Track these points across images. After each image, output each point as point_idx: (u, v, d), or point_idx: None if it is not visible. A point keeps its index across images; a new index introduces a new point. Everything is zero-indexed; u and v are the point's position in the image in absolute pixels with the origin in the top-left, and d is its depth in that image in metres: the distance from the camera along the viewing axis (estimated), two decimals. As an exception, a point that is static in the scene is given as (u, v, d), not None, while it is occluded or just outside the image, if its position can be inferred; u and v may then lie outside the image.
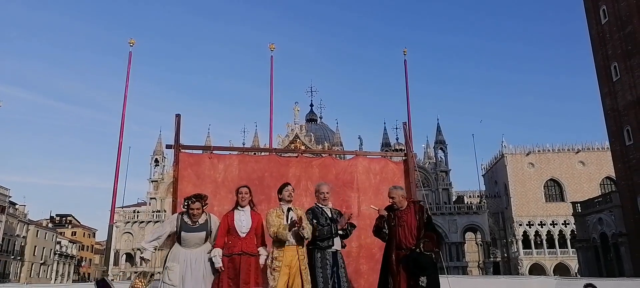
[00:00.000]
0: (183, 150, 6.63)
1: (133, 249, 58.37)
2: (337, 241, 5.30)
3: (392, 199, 5.37)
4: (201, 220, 5.06)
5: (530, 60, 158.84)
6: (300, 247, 5.11)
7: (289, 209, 5.25)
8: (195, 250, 4.97)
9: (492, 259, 62.54)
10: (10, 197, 54.86)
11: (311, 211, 5.42)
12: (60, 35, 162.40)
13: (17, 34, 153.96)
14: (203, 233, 5.01)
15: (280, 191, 5.34)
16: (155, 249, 5.22)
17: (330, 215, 5.36)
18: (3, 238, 53.22)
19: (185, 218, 5.05)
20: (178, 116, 6.69)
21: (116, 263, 57.85)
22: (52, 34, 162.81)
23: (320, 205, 5.44)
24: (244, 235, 5.01)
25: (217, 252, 4.87)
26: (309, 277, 5.05)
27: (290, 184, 5.44)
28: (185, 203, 5.10)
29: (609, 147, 39.22)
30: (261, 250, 5.11)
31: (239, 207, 5.19)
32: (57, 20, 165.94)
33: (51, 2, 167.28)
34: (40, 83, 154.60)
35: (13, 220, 57.71)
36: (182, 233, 4.99)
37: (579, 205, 43.99)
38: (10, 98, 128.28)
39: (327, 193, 5.46)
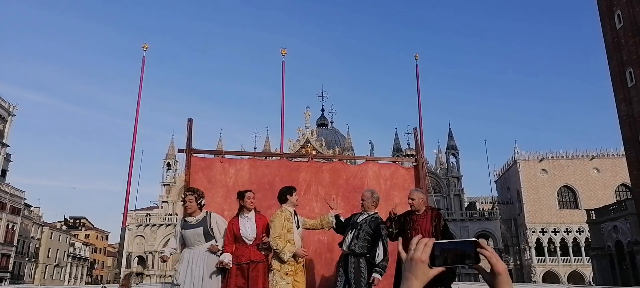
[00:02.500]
0: (195, 155, 6.69)
1: (145, 252, 58.80)
2: (345, 244, 5.27)
3: (411, 201, 5.28)
4: (199, 217, 5.05)
5: (544, 64, 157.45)
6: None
7: (294, 213, 5.27)
8: (196, 249, 4.97)
9: (504, 266, 61.70)
10: (25, 199, 55.60)
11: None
12: (75, 39, 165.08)
13: (33, 37, 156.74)
14: (200, 229, 4.98)
15: (291, 194, 5.26)
16: (174, 250, 5.28)
17: (355, 219, 5.34)
18: (18, 240, 53.90)
19: (186, 218, 5.09)
20: (190, 121, 6.77)
21: (128, 265, 58.26)
22: (68, 37, 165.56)
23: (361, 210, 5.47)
24: (250, 242, 4.96)
25: (227, 257, 4.82)
26: (304, 279, 5.13)
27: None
28: (182, 199, 5.14)
29: (624, 153, 38.61)
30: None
31: (243, 214, 5.10)
32: (72, 24, 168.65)
33: (67, 6, 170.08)
34: (55, 86, 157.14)
35: (28, 222, 58.48)
36: (183, 231, 5.03)
37: (593, 212, 43.30)
38: (26, 102, 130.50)
39: (361, 200, 5.44)
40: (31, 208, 60.61)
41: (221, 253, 4.91)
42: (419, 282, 1.11)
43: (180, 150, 6.91)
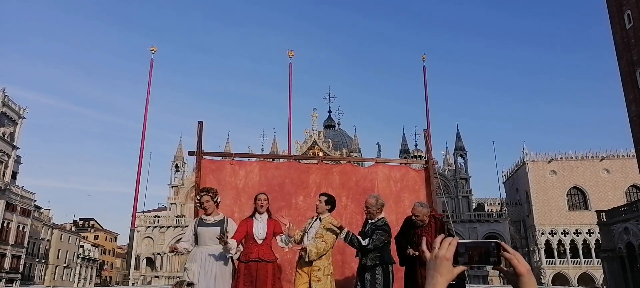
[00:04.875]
0: (205, 157, 6.71)
1: (153, 253, 59.04)
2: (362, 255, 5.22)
3: (416, 217, 5.30)
4: (217, 218, 5.16)
5: (552, 65, 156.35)
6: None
7: (313, 218, 5.32)
8: (211, 248, 5.01)
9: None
10: (35, 201, 56.05)
11: None
12: (84, 41, 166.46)
13: (43, 40, 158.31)
14: (218, 229, 5.04)
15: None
16: (186, 251, 5.25)
17: (364, 229, 5.30)
18: (28, 242, 54.33)
19: (202, 217, 5.19)
20: (200, 123, 6.78)
21: (137, 267, 58.55)
22: (77, 40, 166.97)
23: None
24: (260, 241, 5.06)
25: (234, 243, 4.88)
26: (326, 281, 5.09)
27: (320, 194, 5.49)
28: (198, 200, 5.23)
29: (634, 154, 38.20)
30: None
31: (257, 215, 5.22)
32: (81, 26, 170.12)
33: (76, 8, 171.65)
34: (64, 89, 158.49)
35: (38, 224, 58.95)
36: (198, 228, 5.08)
37: (603, 213, 42.84)
38: (35, 104, 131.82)
39: (366, 207, 5.31)
40: (41, 210, 61.11)
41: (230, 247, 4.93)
42: (443, 280, 1.15)
43: (190, 153, 6.93)
